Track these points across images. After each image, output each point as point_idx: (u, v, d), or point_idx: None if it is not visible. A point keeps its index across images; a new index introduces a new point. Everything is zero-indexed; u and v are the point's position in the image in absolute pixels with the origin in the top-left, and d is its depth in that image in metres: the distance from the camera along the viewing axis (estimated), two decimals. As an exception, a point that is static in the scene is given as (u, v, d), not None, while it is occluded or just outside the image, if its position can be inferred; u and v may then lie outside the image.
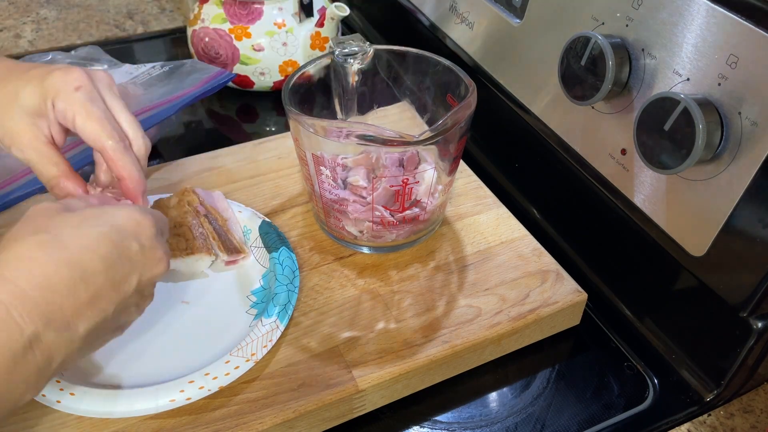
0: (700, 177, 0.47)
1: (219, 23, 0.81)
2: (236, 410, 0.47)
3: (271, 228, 0.60)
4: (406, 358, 0.51)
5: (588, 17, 0.54)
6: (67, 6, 1.06)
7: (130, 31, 1.00)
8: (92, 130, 0.47)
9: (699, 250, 0.49)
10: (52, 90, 0.47)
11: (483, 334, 0.53)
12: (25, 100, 0.47)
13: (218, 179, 0.67)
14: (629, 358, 0.57)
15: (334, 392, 0.49)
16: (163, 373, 0.49)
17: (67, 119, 0.47)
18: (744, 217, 0.45)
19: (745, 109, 0.43)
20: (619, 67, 0.50)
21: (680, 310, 0.56)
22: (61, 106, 0.47)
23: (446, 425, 0.52)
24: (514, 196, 0.72)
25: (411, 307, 0.55)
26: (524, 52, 0.63)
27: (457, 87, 0.57)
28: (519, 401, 0.54)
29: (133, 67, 0.75)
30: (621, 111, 0.53)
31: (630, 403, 0.54)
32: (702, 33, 0.45)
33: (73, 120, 0.47)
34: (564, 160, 0.61)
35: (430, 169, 0.55)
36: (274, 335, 0.51)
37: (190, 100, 0.71)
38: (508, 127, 0.71)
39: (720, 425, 0.52)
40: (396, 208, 0.56)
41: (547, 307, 0.55)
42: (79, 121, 0.47)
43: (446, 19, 0.75)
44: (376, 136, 0.49)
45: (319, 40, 0.82)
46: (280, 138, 0.72)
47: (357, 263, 0.59)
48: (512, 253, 0.60)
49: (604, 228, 0.62)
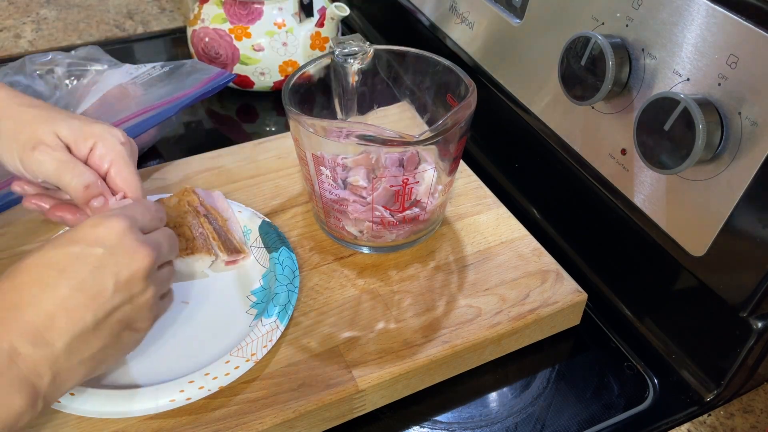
0: (700, 177, 0.47)
1: (219, 23, 0.81)
2: (236, 410, 0.47)
3: (271, 228, 0.60)
4: (406, 358, 0.51)
5: (588, 17, 0.54)
6: (67, 6, 1.06)
7: (130, 31, 1.00)
8: (127, 179, 0.51)
9: (699, 250, 0.49)
10: (96, 135, 0.51)
11: (483, 334, 0.53)
12: (65, 129, 0.50)
13: (218, 179, 0.67)
14: (629, 358, 0.57)
15: (334, 392, 0.49)
16: (162, 373, 0.49)
17: (102, 163, 0.51)
18: (744, 217, 0.45)
19: (745, 109, 0.43)
20: (619, 67, 0.50)
21: (680, 310, 0.56)
22: (101, 152, 0.51)
23: (446, 425, 0.52)
24: (514, 196, 0.72)
25: (411, 307, 0.55)
26: (524, 52, 0.63)
27: (457, 87, 0.57)
28: (519, 401, 0.54)
29: (133, 68, 0.75)
30: (621, 111, 0.53)
31: (630, 403, 0.54)
32: (702, 33, 0.45)
33: (110, 166, 0.51)
34: (564, 160, 0.61)
35: (430, 169, 0.55)
36: (274, 335, 0.51)
37: (190, 101, 0.71)
38: (508, 127, 0.71)
39: (720, 425, 0.52)
40: (396, 208, 0.56)
41: (547, 307, 0.55)
42: (114, 170, 0.51)
43: (446, 19, 0.75)
44: (376, 136, 0.49)
45: (319, 40, 0.82)
46: (280, 138, 0.72)
47: (357, 263, 0.59)
48: (512, 253, 0.60)
49: (604, 228, 0.62)
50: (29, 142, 0.49)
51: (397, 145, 0.49)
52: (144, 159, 0.75)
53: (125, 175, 0.51)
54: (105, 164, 0.51)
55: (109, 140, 0.51)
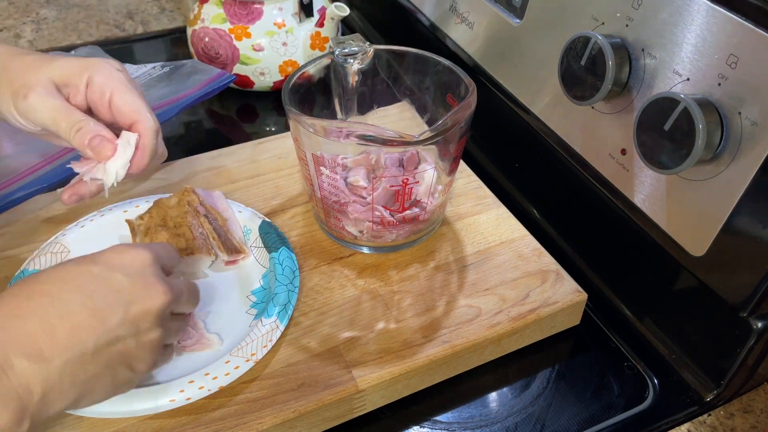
0: (700, 177, 0.47)
1: (219, 23, 0.81)
2: (236, 410, 0.47)
3: (271, 228, 0.60)
4: (406, 358, 0.51)
5: (588, 17, 0.54)
6: (67, 6, 1.06)
7: (130, 31, 1.00)
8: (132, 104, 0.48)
9: (699, 250, 0.49)
10: (92, 66, 0.48)
11: (483, 334, 0.53)
12: (58, 69, 0.48)
13: (218, 179, 0.67)
14: (629, 358, 0.57)
15: (334, 392, 0.49)
16: (162, 373, 0.49)
17: (103, 93, 0.48)
18: (744, 217, 0.45)
19: (745, 109, 0.43)
20: (619, 67, 0.50)
21: (680, 310, 0.56)
22: (99, 80, 0.48)
23: (446, 425, 0.52)
24: (514, 196, 0.72)
25: (411, 307, 0.55)
26: (524, 52, 0.63)
27: (457, 87, 0.57)
28: (519, 401, 0.54)
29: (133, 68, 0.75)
30: (621, 111, 0.53)
31: (630, 403, 0.54)
32: (702, 33, 0.45)
33: (111, 94, 0.48)
34: (564, 160, 0.61)
35: (430, 169, 0.55)
36: (274, 335, 0.51)
37: (190, 103, 0.71)
38: (508, 127, 0.71)
39: (720, 425, 0.52)
40: (396, 208, 0.56)
41: (547, 307, 0.55)
42: (118, 97, 0.48)
43: (446, 19, 0.75)
44: (376, 136, 0.49)
45: (319, 40, 0.82)
46: (280, 138, 0.72)
47: (357, 263, 0.59)
48: (512, 253, 0.60)
49: (604, 228, 0.62)
50: (22, 89, 0.47)
51: (397, 145, 0.49)
52: (144, 159, 0.75)
53: (128, 99, 0.49)
54: (106, 93, 0.48)
55: (105, 68, 0.49)
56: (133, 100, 0.49)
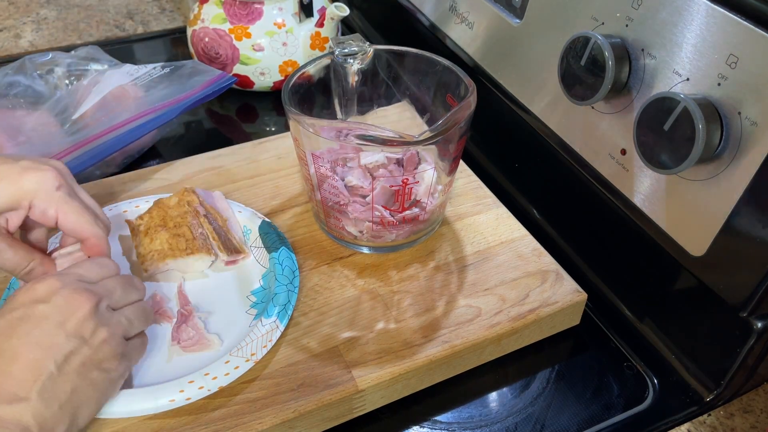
0: (699, 177, 0.47)
1: (219, 23, 0.81)
2: (236, 410, 0.47)
3: (271, 228, 0.60)
4: (406, 358, 0.51)
5: (588, 17, 0.54)
6: (67, 6, 1.06)
7: (130, 31, 1.00)
8: (76, 224, 0.49)
9: (699, 250, 0.49)
10: (30, 192, 0.48)
11: (483, 334, 0.53)
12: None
13: (218, 179, 0.67)
14: (629, 358, 0.57)
15: (334, 392, 0.49)
16: (162, 373, 0.49)
17: (48, 217, 0.49)
18: (744, 217, 0.45)
19: (745, 109, 0.43)
20: (618, 67, 0.50)
21: (680, 310, 0.56)
22: (42, 207, 0.48)
23: (446, 425, 0.52)
24: (514, 196, 0.72)
25: (411, 307, 0.55)
26: (524, 52, 0.63)
27: (457, 87, 0.57)
28: (519, 401, 0.54)
29: (134, 68, 0.75)
30: (621, 111, 0.53)
31: (630, 403, 0.54)
32: (702, 33, 0.45)
33: (56, 218, 0.49)
34: (564, 160, 0.61)
35: (430, 169, 0.55)
36: (273, 335, 0.51)
37: (190, 104, 0.70)
38: (508, 127, 0.71)
39: (720, 425, 0.52)
40: (396, 208, 0.56)
41: (546, 307, 0.55)
42: (62, 218, 0.49)
43: (446, 19, 0.75)
44: (376, 136, 0.49)
45: (319, 40, 0.82)
46: (280, 138, 0.72)
47: (357, 263, 0.59)
48: (512, 253, 0.60)
49: (604, 228, 0.62)
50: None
51: (397, 145, 0.49)
52: (144, 159, 0.75)
53: (72, 220, 0.49)
54: (51, 216, 0.48)
55: (43, 191, 0.48)
56: (77, 219, 0.49)
